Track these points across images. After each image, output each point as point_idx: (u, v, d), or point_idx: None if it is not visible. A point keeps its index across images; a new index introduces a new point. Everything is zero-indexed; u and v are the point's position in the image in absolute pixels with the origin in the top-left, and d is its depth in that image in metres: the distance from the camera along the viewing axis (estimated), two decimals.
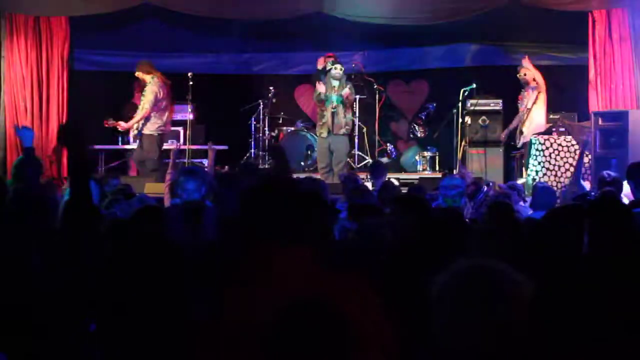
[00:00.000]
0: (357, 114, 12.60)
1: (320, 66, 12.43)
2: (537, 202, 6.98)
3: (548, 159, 10.84)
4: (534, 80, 11.40)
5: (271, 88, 12.89)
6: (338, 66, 11.58)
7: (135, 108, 12.44)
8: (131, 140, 11.94)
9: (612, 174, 7.32)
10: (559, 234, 3.81)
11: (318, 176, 10.32)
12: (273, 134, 12.88)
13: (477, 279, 2.03)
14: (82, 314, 3.36)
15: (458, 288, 2.03)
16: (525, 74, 11.46)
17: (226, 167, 11.31)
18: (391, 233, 4.47)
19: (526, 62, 11.64)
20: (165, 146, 11.14)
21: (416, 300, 2.28)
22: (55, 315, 3.32)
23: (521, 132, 11.54)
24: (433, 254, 3.46)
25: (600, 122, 10.47)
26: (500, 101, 12.22)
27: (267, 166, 12.03)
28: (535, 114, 11.39)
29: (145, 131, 10.77)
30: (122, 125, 11.15)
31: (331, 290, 2.53)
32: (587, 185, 9.91)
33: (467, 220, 5.44)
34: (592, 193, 7.30)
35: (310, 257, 2.67)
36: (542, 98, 11.43)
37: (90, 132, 12.19)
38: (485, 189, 7.84)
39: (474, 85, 12.24)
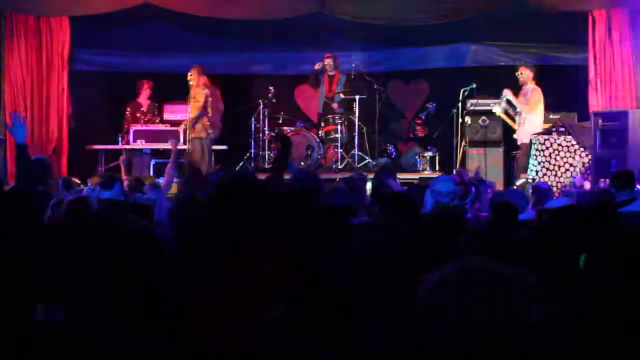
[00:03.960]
0: (357, 114, 12.60)
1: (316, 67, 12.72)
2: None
3: (548, 159, 10.84)
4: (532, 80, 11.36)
5: (271, 88, 12.87)
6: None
7: (139, 108, 12.54)
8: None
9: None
10: (560, 235, 3.81)
11: None
12: (273, 134, 12.87)
13: (474, 279, 2.02)
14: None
15: (454, 288, 2.02)
16: (522, 73, 11.42)
17: (218, 165, 11.39)
18: (384, 235, 4.46)
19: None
20: (164, 146, 11.30)
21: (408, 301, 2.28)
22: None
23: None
24: (429, 256, 3.45)
25: (600, 122, 10.46)
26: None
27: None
28: (528, 117, 11.31)
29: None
30: None
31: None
32: (587, 185, 9.93)
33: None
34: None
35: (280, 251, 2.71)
36: (535, 101, 11.31)
37: (89, 132, 12.27)
38: (474, 190, 7.76)
39: (474, 85, 12.23)
